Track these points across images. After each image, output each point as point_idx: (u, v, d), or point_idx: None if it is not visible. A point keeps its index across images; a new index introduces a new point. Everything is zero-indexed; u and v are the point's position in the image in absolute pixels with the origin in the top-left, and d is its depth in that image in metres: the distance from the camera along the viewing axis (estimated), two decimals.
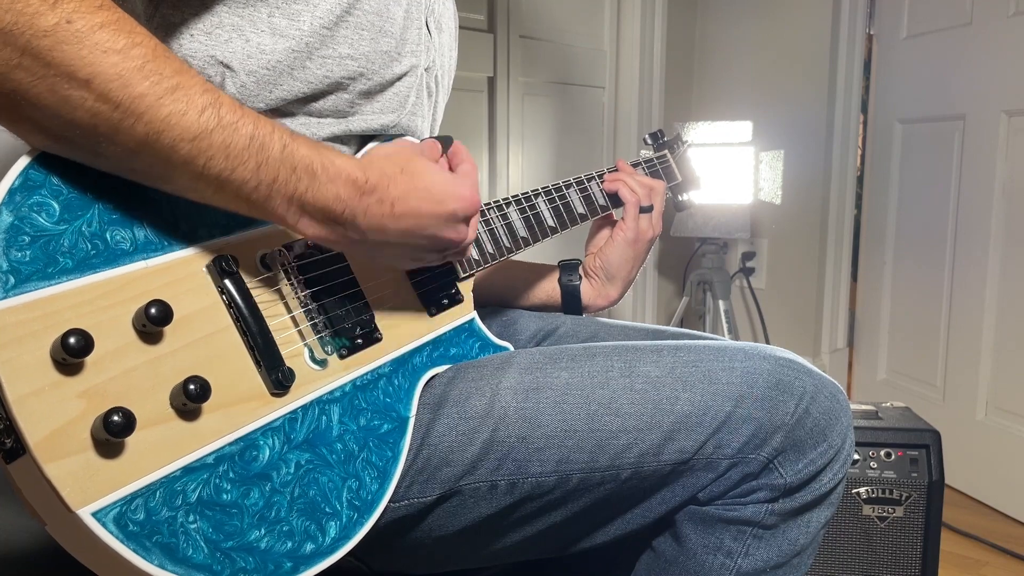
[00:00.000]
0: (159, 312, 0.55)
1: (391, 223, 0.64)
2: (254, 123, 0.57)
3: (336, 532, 0.62)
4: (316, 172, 0.59)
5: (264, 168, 0.57)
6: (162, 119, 0.52)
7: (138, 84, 0.51)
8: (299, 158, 0.59)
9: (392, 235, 0.65)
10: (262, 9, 0.68)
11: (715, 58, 2.75)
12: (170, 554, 0.52)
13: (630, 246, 1.02)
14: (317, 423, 0.64)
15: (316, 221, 0.61)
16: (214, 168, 0.55)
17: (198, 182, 0.56)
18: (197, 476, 0.55)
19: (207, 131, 0.54)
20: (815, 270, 2.60)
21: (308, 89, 0.71)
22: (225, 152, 0.55)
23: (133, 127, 0.52)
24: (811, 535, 0.77)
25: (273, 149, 0.57)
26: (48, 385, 0.50)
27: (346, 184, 0.61)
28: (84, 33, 0.49)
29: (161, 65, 0.53)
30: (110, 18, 0.51)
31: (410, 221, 0.66)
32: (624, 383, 0.73)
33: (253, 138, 0.56)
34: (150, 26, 0.68)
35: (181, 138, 0.53)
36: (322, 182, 0.60)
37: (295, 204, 0.59)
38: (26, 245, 0.51)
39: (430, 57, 0.83)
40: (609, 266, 1.03)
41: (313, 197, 0.60)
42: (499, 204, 0.89)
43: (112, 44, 0.50)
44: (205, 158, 0.54)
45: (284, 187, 0.58)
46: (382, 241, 0.65)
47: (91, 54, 0.50)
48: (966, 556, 1.86)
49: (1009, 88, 2.04)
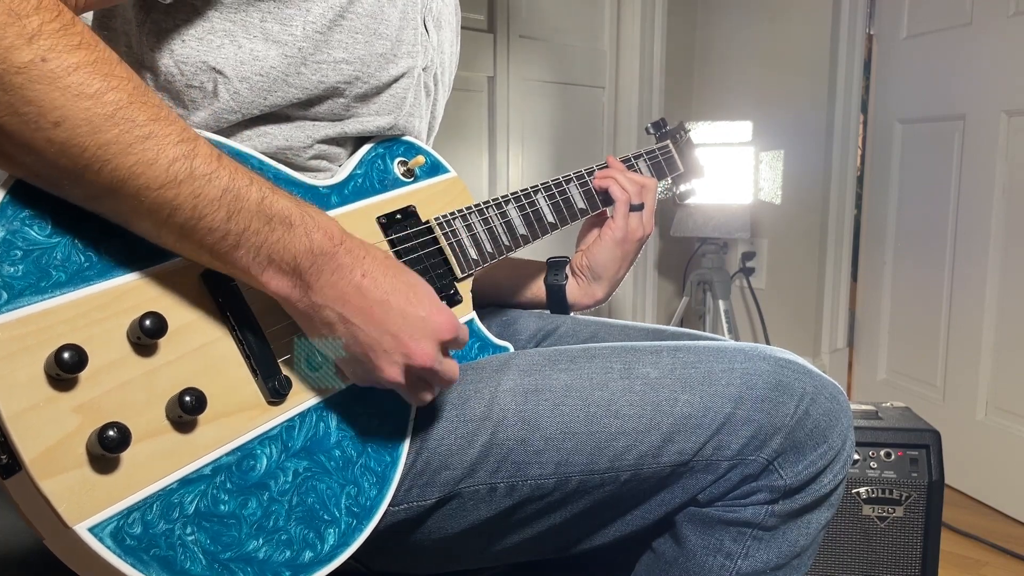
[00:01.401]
0: (154, 324, 0.54)
1: (354, 296, 0.60)
2: (230, 175, 0.56)
3: (335, 539, 0.61)
4: (293, 224, 0.58)
5: (236, 218, 0.56)
6: (128, 167, 0.52)
7: (107, 131, 0.51)
8: (277, 210, 0.57)
9: (351, 311, 0.60)
10: (254, 14, 0.68)
11: (715, 58, 2.74)
12: (168, 567, 0.52)
13: (618, 245, 0.99)
14: (315, 430, 0.64)
15: (281, 273, 0.59)
16: (179, 217, 0.54)
17: (161, 229, 0.55)
18: (194, 488, 0.55)
19: (175, 181, 0.53)
20: (815, 270, 2.59)
21: (304, 95, 0.71)
22: (193, 202, 0.54)
23: (98, 172, 0.51)
24: (811, 536, 0.76)
25: (249, 200, 0.56)
26: (42, 401, 0.50)
27: (324, 236, 0.59)
28: (57, 74, 0.49)
29: (135, 112, 0.52)
30: (86, 59, 0.50)
31: (374, 303, 0.60)
32: (623, 385, 0.73)
33: (227, 190, 0.55)
34: (141, 32, 0.67)
35: (147, 187, 0.52)
36: (298, 233, 0.58)
37: (263, 254, 0.58)
38: (18, 259, 0.51)
39: (428, 56, 0.83)
40: (596, 265, 1.00)
41: (283, 247, 0.58)
42: (498, 202, 0.89)
43: (85, 88, 0.50)
44: (171, 208, 0.54)
45: (255, 236, 0.57)
46: (339, 315, 0.60)
47: (62, 97, 0.49)
48: (966, 556, 1.86)
49: (1009, 88, 2.03)
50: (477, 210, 0.85)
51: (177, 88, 0.69)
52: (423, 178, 0.83)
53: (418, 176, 0.82)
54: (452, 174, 0.86)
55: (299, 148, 0.74)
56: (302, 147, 0.74)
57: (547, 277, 1.03)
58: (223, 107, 0.69)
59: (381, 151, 0.79)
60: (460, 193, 0.86)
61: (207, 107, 0.69)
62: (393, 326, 0.61)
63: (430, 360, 0.62)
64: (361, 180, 0.77)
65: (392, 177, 0.80)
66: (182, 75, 0.68)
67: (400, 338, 0.61)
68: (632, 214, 0.99)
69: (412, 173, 0.81)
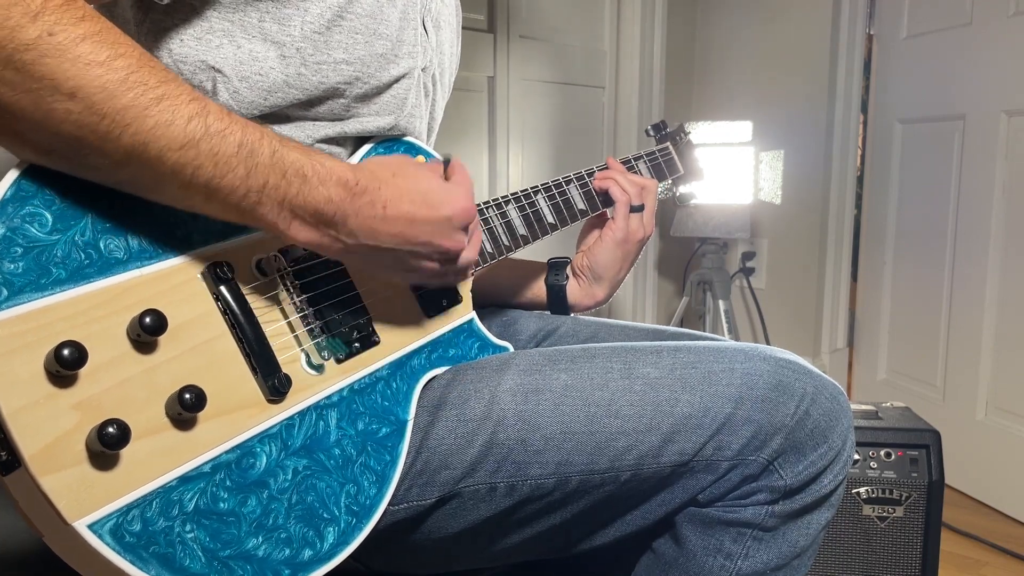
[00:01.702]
0: (153, 321, 0.54)
1: (383, 226, 0.64)
2: (242, 130, 0.56)
3: (335, 538, 0.61)
4: (307, 175, 0.59)
5: (254, 174, 0.57)
6: (148, 130, 0.52)
7: (123, 96, 0.51)
8: (289, 162, 0.58)
9: (384, 239, 0.64)
10: (252, 14, 0.68)
11: (715, 58, 2.74)
12: (167, 564, 0.52)
13: (619, 246, 0.99)
14: (314, 429, 0.64)
15: (308, 225, 0.61)
16: (203, 176, 0.55)
17: (187, 191, 0.56)
18: (194, 485, 0.55)
19: (194, 140, 0.54)
20: (815, 270, 2.59)
21: (304, 96, 0.71)
22: (213, 160, 0.55)
23: (119, 138, 0.52)
24: (811, 537, 0.76)
25: (263, 155, 0.57)
26: (42, 398, 0.50)
27: (337, 185, 0.61)
28: (66, 46, 0.49)
29: (146, 76, 0.52)
30: (92, 29, 0.51)
31: (402, 225, 0.65)
32: (623, 385, 0.73)
33: (242, 145, 0.56)
34: (140, 32, 0.68)
35: (168, 148, 0.53)
36: (313, 185, 0.59)
37: (286, 208, 0.59)
38: (19, 256, 0.51)
39: (427, 57, 0.83)
40: (596, 266, 1.00)
41: (304, 200, 0.59)
42: (498, 202, 0.89)
43: (95, 56, 0.50)
44: (193, 167, 0.54)
45: (274, 192, 0.58)
46: (375, 246, 0.64)
47: (74, 67, 0.49)
48: (966, 556, 1.86)
49: (1009, 88, 2.03)
50: (477, 210, 0.85)
51: None
52: None
53: None
54: None
55: None
56: None
57: (548, 277, 1.03)
58: (223, 107, 0.69)
59: (381, 151, 0.79)
60: None
61: None
62: (424, 235, 0.67)
63: (462, 244, 0.70)
64: None
65: None
66: (181, 75, 0.68)
67: (433, 242, 0.67)
68: (633, 215, 1.00)
69: None
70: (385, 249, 0.65)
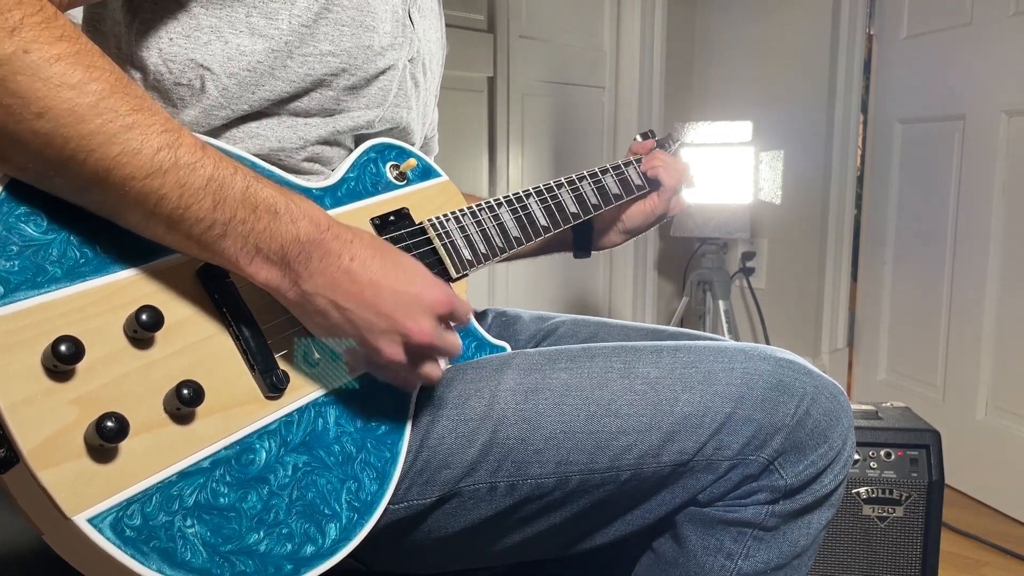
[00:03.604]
0: (150, 318, 0.55)
1: (344, 279, 0.60)
2: (215, 164, 0.56)
3: (336, 534, 0.62)
4: (279, 212, 0.58)
5: (221, 207, 0.56)
6: (113, 157, 0.52)
7: (90, 121, 0.51)
8: (261, 199, 0.58)
9: (341, 296, 0.60)
10: (239, 9, 0.68)
11: (715, 58, 2.74)
12: (168, 559, 0.52)
13: (653, 217, 1.06)
14: (313, 425, 0.64)
15: (269, 263, 0.59)
16: (166, 207, 0.54)
17: (149, 220, 0.55)
18: (193, 480, 0.55)
19: (161, 171, 0.53)
20: (815, 270, 2.59)
21: (291, 88, 0.71)
22: (179, 191, 0.54)
23: (83, 163, 0.52)
24: (811, 536, 0.76)
25: (234, 189, 0.56)
26: (40, 392, 0.50)
27: (309, 224, 0.59)
28: (39, 65, 0.49)
29: (118, 102, 0.52)
30: (68, 50, 0.51)
31: (364, 284, 0.61)
32: (623, 384, 0.73)
33: (212, 179, 0.55)
34: (130, 32, 0.68)
35: (132, 176, 0.53)
36: (284, 222, 0.58)
37: (251, 243, 0.58)
38: (14, 255, 0.51)
39: (414, 48, 0.83)
40: (629, 223, 1.06)
41: (271, 235, 0.58)
42: (490, 204, 0.89)
43: (67, 78, 0.50)
44: (157, 196, 0.54)
45: (241, 225, 0.57)
46: (331, 300, 0.60)
47: (44, 87, 0.49)
48: (966, 556, 1.86)
49: (1009, 88, 2.03)
50: (470, 212, 0.85)
51: (166, 86, 0.69)
52: (415, 182, 0.84)
53: (410, 179, 0.83)
54: (444, 178, 0.87)
55: (291, 149, 0.74)
56: (294, 148, 0.74)
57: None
58: (211, 103, 0.69)
59: (373, 155, 0.80)
60: (452, 196, 0.87)
61: (196, 104, 0.69)
62: (386, 307, 0.61)
63: (428, 336, 0.62)
64: (354, 183, 0.77)
65: (385, 180, 0.80)
66: (170, 73, 0.68)
67: (394, 317, 0.61)
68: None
69: (404, 176, 0.83)
70: (342, 307, 0.61)
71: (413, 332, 0.62)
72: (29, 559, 0.70)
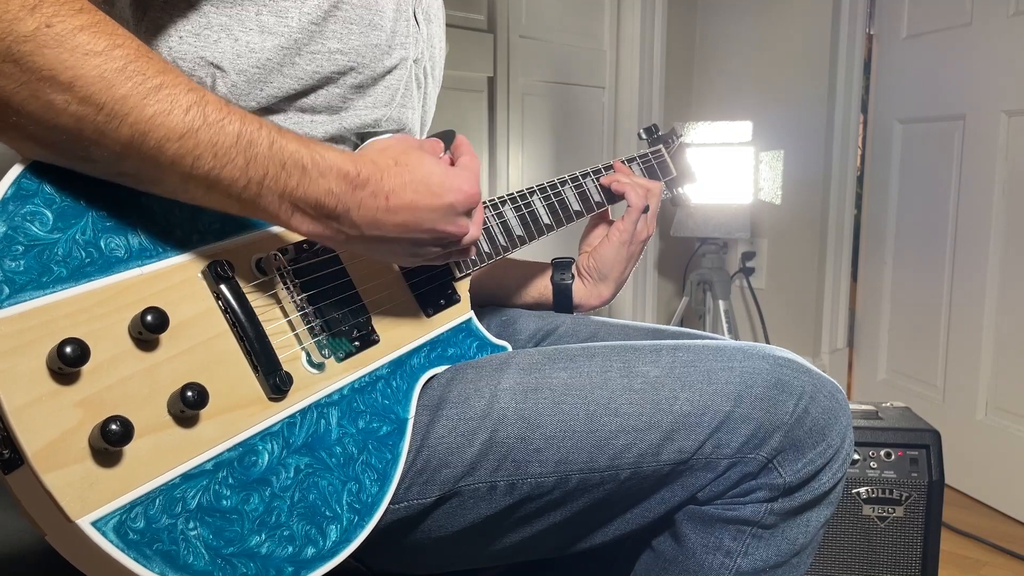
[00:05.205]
0: (155, 319, 0.54)
1: (386, 217, 0.63)
2: (240, 120, 0.56)
3: (337, 535, 0.62)
4: (306, 167, 0.59)
5: (253, 165, 0.56)
6: (147, 119, 0.52)
7: (121, 85, 0.51)
8: (288, 153, 0.58)
9: (388, 230, 0.64)
10: (250, 7, 0.68)
11: (715, 58, 2.75)
12: (171, 561, 0.52)
13: (625, 246, 1.01)
14: (316, 427, 0.64)
15: (310, 217, 0.61)
16: (202, 167, 0.55)
17: (188, 183, 0.56)
18: (196, 483, 0.55)
19: (193, 130, 0.54)
20: (815, 270, 2.60)
21: (299, 85, 0.71)
22: (213, 150, 0.55)
23: (118, 129, 0.52)
24: (810, 535, 0.77)
25: (261, 145, 0.57)
26: (45, 395, 0.50)
27: (338, 178, 0.60)
28: (64, 36, 0.49)
29: (144, 65, 0.52)
30: (90, 20, 0.51)
31: (406, 214, 0.64)
32: (623, 383, 0.73)
33: (240, 135, 0.56)
34: (138, 31, 0.68)
35: (167, 138, 0.53)
36: (312, 177, 0.59)
37: (287, 200, 0.59)
38: (20, 255, 0.51)
39: (419, 49, 0.83)
40: (603, 266, 1.02)
41: (304, 192, 0.59)
42: (494, 203, 0.89)
43: (93, 46, 0.50)
44: (193, 157, 0.54)
45: (274, 183, 0.58)
46: (379, 236, 0.64)
47: (72, 57, 0.50)
48: (966, 556, 1.86)
49: (1009, 88, 2.04)
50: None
51: None
52: None
53: None
54: None
55: None
56: None
57: (553, 277, 1.04)
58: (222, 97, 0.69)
59: None
60: None
61: None
62: (427, 223, 0.66)
63: (465, 228, 0.70)
64: None
65: None
66: None
67: (436, 229, 0.67)
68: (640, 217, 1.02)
69: None
70: (389, 239, 0.65)
71: (455, 233, 0.69)
72: (31, 559, 0.70)
